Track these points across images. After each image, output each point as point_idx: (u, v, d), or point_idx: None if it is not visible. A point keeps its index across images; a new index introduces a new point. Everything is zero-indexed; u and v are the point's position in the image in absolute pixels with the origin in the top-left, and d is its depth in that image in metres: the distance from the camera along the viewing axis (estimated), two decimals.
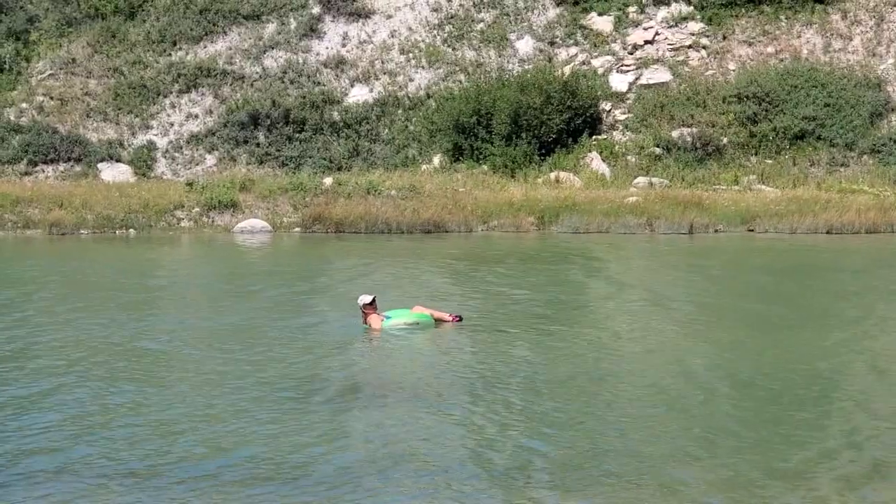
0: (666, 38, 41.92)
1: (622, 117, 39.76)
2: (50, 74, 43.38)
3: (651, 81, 40.58)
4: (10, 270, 24.79)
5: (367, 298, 15.88)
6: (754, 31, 41.91)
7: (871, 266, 25.68)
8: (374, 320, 15.75)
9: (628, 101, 40.25)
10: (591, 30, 42.76)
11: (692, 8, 42.68)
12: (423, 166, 38.93)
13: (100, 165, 39.68)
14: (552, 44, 42.78)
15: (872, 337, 16.14)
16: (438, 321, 16.09)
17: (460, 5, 44.17)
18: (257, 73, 42.78)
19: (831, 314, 18.16)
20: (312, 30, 43.90)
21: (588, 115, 38.76)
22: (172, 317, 17.95)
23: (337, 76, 42.65)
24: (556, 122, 37.73)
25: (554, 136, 37.90)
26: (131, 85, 42.46)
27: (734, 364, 13.84)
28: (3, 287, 21.34)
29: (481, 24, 43.66)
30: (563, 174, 36.87)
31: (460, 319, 16.24)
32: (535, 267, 24.99)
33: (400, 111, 41.47)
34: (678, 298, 19.98)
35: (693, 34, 42.03)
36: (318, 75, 42.64)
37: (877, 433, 10.77)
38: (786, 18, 42.09)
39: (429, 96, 41.63)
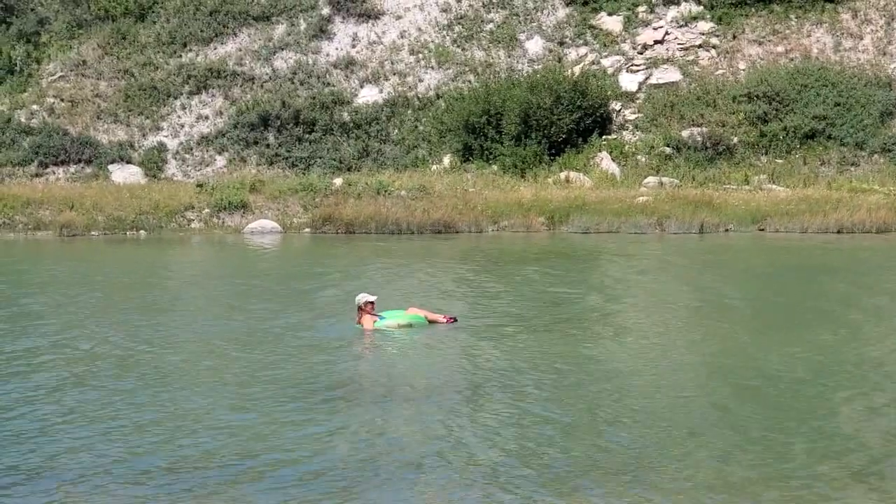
0: (676, 38, 41.89)
1: (632, 117, 39.74)
2: (60, 76, 43.48)
3: (661, 81, 40.56)
4: (34, 273, 24.82)
5: (369, 298, 15.79)
6: (764, 30, 41.86)
7: (887, 265, 25.61)
8: (367, 320, 15.67)
9: (638, 101, 40.24)
10: (601, 30, 42.75)
11: (702, 7, 42.65)
12: (433, 167, 38.95)
13: (110, 167, 39.78)
14: (562, 44, 42.77)
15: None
16: (432, 322, 16.01)
17: (470, 6, 44.19)
18: (267, 74, 42.84)
19: (861, 313, 18.04)
20: (322, 31, 43.95)
21: (598, 114, 38.76)
22: (183, 319, 17.95)
23: (347, 77, 42.69)
24: (566, 122, 37.72)
25: (564, 136, 37.89)
26: (141, 86, 42.56)
27: (758, 363, 13.79)
28: (33, 290, 21.35)
29: (491, 25, 43.66)
30: (573, 174, 36.86)
31: (455, 321, 16.16)
32: (548, 267, 24.94)
33: (410, 111, 41.51)
34: (687, 298, 19.94)
35: (703, 34, 41.99)
36: (327, 76, 42.69)
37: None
38: (796, 18, 42.04)
39: (438, 97, 41.66)
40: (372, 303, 15.77)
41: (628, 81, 40.78)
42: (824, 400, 12.11)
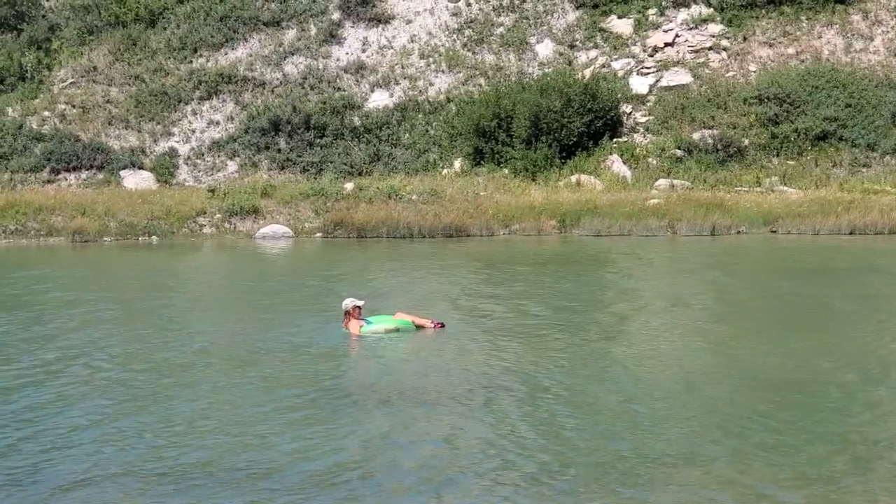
0: (686, 40, 41.86)
1: (643, 120, 39.72)
2: (72, 83, 43.60)
3: (671, 83, 40.54)
4: (55, 279, 24.85)
5: (357, 302, 15.70)
6: (775, 32, 41.82)
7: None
8: (353, 326, 15.60)
9: (649, 104, 40.22)
10: (611, 32, 42.75)
11: (712, 10, 42.62)
12: (444, 170, 38.97)
13: (122, 173, 39.86)
14: (572, 47, 42.79)
15: None
16: (420, 328, 15.92)
17: (480, 9, 44.22)
18: (278, 79, 42.92)
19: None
20: (332, 35, 44.02)
21: (608, 117, 38.76)
22: (190, 326, 17.95)
23: (357, 81, 42.74)
24: (577, 125, 37.72)
25: (574, 139, 37.90)
26: (153, 92, 42.67)
27: (777, 366, 13.74)
28: (57, 295, 21.40)
29: (501, 28, 43.69)
30: (584, 177, 36.86)
31: (443, 326, 16.03)
32: (560, 270, 24.92)
33: (420, 116, 41.54)
34: (709, 299, 19.87)
35: (713, 36, 41.96)
36: (338, 81, 42.75)
37: None
38: (806, 19, 41.99)
39: (449, 100, 41.68)
40: (359, 307, 15.72)
41: (639, 84, 40.77)
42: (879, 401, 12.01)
